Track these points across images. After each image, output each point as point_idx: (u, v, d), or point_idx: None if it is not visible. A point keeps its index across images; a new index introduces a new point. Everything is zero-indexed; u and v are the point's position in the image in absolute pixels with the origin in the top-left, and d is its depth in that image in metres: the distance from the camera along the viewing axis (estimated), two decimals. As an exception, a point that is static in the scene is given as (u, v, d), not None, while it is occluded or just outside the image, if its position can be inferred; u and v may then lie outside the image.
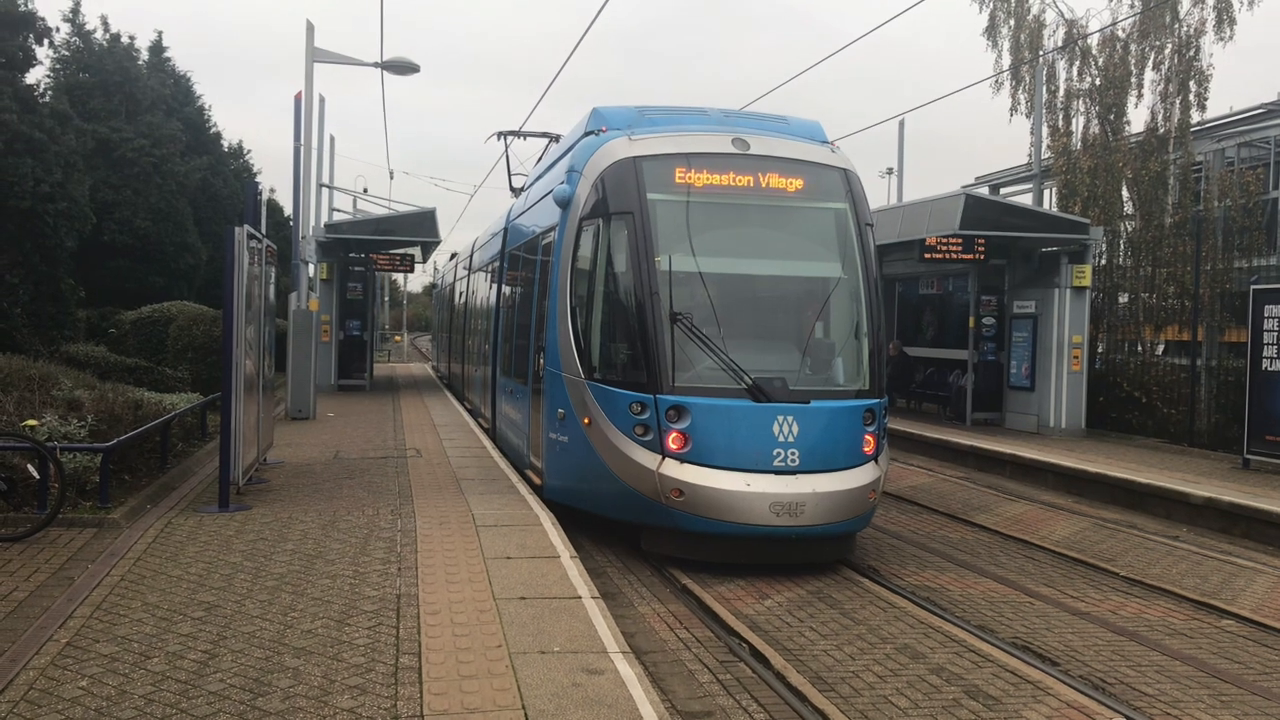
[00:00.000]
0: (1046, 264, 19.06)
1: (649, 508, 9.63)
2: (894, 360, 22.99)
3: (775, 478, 9.26)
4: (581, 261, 10.62)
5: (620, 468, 9.76)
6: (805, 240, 10.80)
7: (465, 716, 5.18)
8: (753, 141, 10.54)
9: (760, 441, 9.35)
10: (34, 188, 21.56)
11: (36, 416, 10.43)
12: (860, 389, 10.08)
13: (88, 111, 30.74)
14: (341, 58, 20.00)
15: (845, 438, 9.70)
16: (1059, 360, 18.62)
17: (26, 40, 23.22)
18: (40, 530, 8.77)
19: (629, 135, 10.62)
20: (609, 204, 10.28)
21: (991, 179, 31.97)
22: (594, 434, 10.05)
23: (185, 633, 6.41)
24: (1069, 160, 22.24)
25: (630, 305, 10.01)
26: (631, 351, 9.92)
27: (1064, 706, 6.30)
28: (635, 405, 9.64)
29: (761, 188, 10.36)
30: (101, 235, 29.00)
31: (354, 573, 7.86)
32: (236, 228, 10.24)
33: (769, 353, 10.09)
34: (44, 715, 5.15)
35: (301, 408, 18.77)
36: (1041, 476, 15.12)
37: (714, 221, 10.33)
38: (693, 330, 9.66)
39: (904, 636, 7.62)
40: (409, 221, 24.88)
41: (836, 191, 10.69)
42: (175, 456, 12.74)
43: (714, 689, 6.52)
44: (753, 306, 10.54)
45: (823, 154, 10.89)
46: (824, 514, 9.26)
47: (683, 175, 10.23)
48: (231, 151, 43.70)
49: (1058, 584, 9.43)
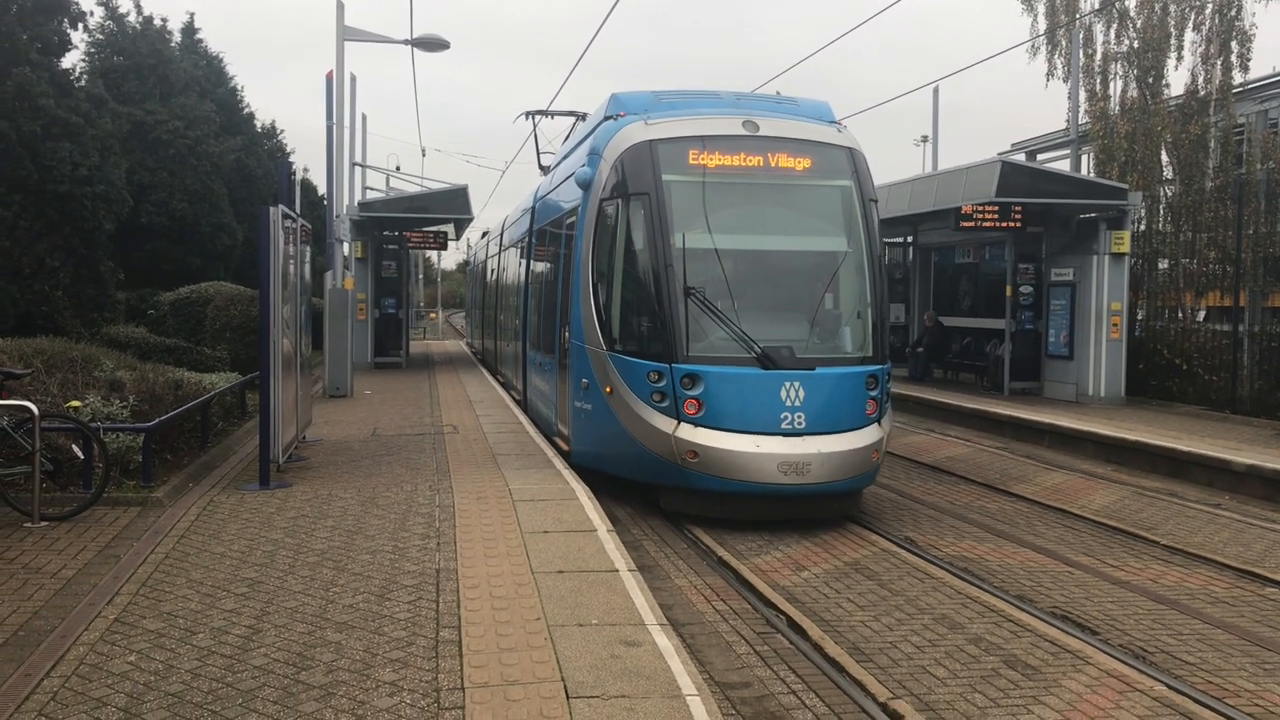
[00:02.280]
0: (1084, 231, 18.83)
1: (666, 469, 10.30)
2: (929, 330, 22.87)
3: (783, 439, 9.91)
4: (602, 240, 11.24)
5: (640, 432, 10.45)
6: (812, 216, 11.40)
7: (505, 689, 5.23)
8: (762, 123, 11.10)
9: (769, 406, 9.99)
10: (72, 171, 21.80)
11: (80, 397, 10.58)
12: (864, 356, 10.67)
13: (122, 95, 31.03)
14: (372, 35, 20.02)
15: (848, 402, 10.31)
16: (1098, 328, 18.41)
17: (61, 25, 23.42)
18: (86, 509, 8.91)
19: (645, 120, 11.19)
20: (627, 185, 10.88)
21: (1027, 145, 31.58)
22: (615, 401, 10.75)
23: (229, 608, 6.51)
24: (1107, 125, 21.90)
25: (647, 281, 10.64)
26: (649, 324, 10.59)
27: (1104, 675, 6.27)
28: (653, 374, 10.33)
29: (771, 167, 10.94)
30: (139, 217, 29.31)
31: (393, 548, 7.94)
32: (271, 207, 10.31)
33: (777, 323, 10.68)
34: (95, 689, 5.25)
35: (339, 386, 18.93)
36: (1081, 445, 14.99)
37: (726, 200, 10.94)
38: (705, 303, 10.33)
39: (942, 607, 7.60)
40: (442, 199, 24.97)
41: (843, 170, 11.21)
42: (215, 435, 12.90)
43: (752, 660, 6.54)
44: (762, 280, 11.03)
45: (829, 134, 11.41)
46: (829, 473, 9.92)
47: (696, 156, 10.84)
48: (265, 132, 43.98)
49: (1097, 553, 9.37)
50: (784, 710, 5.79)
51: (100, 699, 5.14)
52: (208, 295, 24.27)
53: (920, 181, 21.42)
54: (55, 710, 5.01)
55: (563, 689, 5.24)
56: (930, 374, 23.05)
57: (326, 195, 21.17)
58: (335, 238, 20.29)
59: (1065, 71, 22.88)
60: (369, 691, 5.23)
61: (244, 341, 21.94)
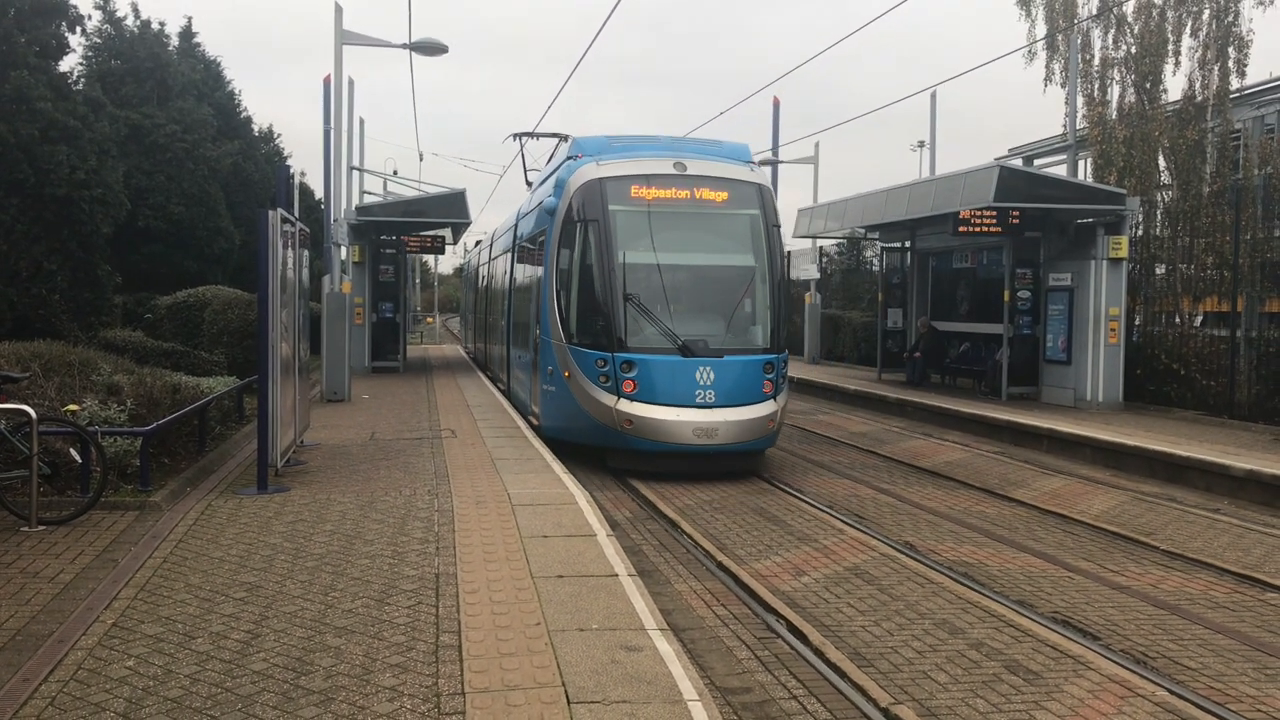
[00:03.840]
0: (1082, 236, 18.83)
1: (611, 434, 13.04)
2: (923, 336, 22.86)
3: (697, 410, 12.68)
4: (563, 256, 13.89)
5: (590, 407, 13.18)
6: (727, 239, 14.05)
7: (506, 694, 5.21)
8: (690, 164, 13.89)
9: (686, 385, 12.74)
10: (69, 175, 21.75)
11: (77, 401, 10.55)
12: (764, 348, 13.45)
13: (120, 98, 30.97)
14: (370, 40, 20.00)
15: (749, 382, 13.03)
16: (1096, 333, 18.41)
17: (59, 28, 23.37)
18: (84, 513, 8.89)
19: (598, 160, 13.96)
20: (582, 213, 13.58)
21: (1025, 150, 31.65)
22: (572, 384, 13.47)
23: (228, 613, 6.48)
24: (1105, 130, 21.95)
25: (597, 288, 13.34)
26: (598, 322, 13.29)
27: (1106, 681, 6.26)
28: (600, 361, 13.09)
29: (696, 199, 13.74)
30: (136, 221, 29.24)
31: (393, 552, 7.92)
32: (270, 211, 10.29)
33: (696, 321, 13.31)
34: (93, 694, 5.23)
35: (337, 390, 18.90)
36: (1079, 450, 14.99)
37: (659, 225, 13.56)
38: (641, 306, 13.07)
39: (942, 612, 7.59)
40: (439, 203, 24.95)
41: (753, 201, 13.96)
42: (213, 439, 12.87)
43: (752, 665, 6.52)
44: (686, 288, 13.65)
45: (744, 172, 14.21)
46: (733, 436, 12.71)
47: (636, 190, 13.59)
48: (262, 136, 43.90)
49: (1097, 558, 9.36)
50: (786, 715, 5.77)
51: (99, 704, 5.11)
52: (205, 299, 24.21)
53: (918, 186, 21.43)
54: (53, 715, 4.98)
55: (564, 694, 5.22)
56: (928, 379, 23.05)
57: (324, 199, 21.16)
58: (333, 242, 20.28)
59: (1063, 76, 22.92)
60: (369, 696, 5.21)
61: (242, 345, 21.89)
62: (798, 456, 14.77)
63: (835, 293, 34.58)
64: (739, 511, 10.99)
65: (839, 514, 10.86)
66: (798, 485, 12.43)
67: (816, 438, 16.82)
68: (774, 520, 10.58)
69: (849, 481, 12.91)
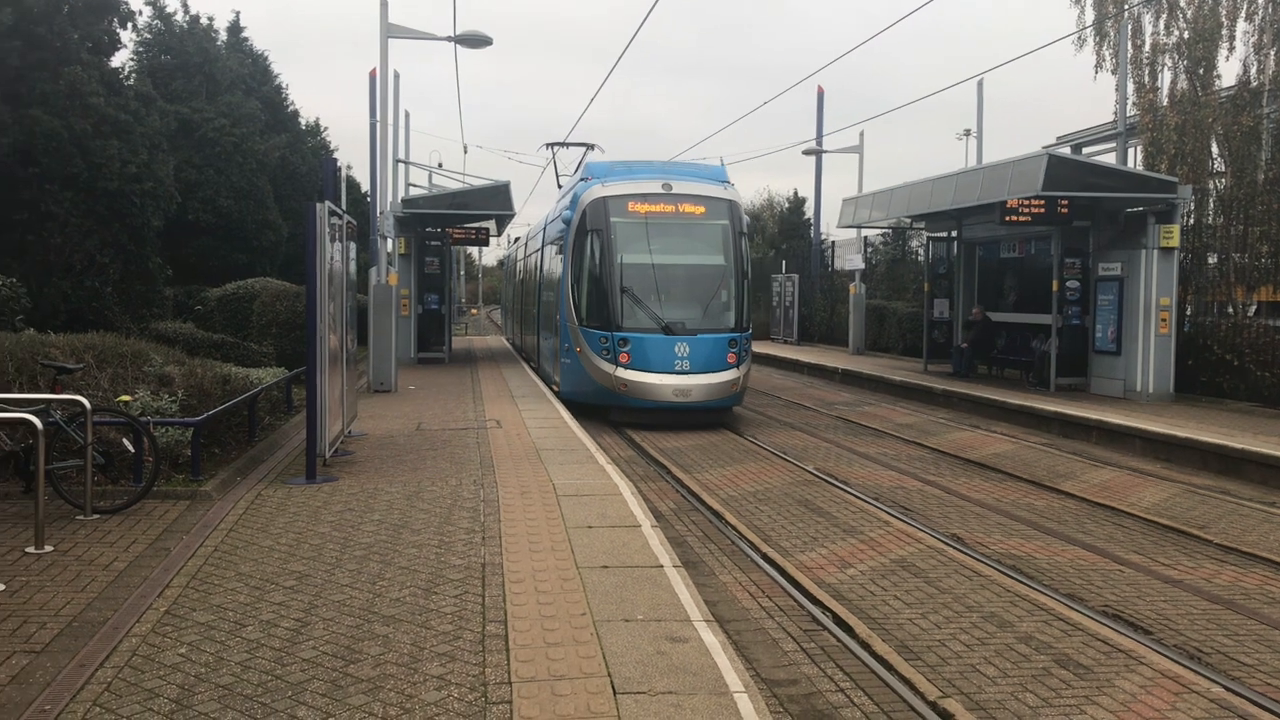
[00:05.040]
0: (1132, 225, 18.55)
1: (610, 395, 16.82)
2: (976, 324, 22.63)
3: (675, 376, 16.37)
4: (577, 257, 17.54)
5: (595, 374, 16.94)
6: (703, 244, 17.64)
7: (552, 683, 5.23)
8: (675, 185, 17.53)
9: (668, 356, 16.40)
10: (121, 169, 22.10)
11: (130, 392, 10.71)
12: (729, 328, 17.02)
13: (170, 93, 31.42)
14: (415, 33, 20.11)
15: (717, 354, 16.66)
16: (1146, 323, 18.13)
17: (111, 24, 23.76)
18: (136, 502, 9.03)
19: (603, 182, 17.64)
20: (591, 224, 17.28)
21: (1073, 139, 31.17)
22: (583, 357, 17.19)
23: (278, 601, 6.56)
24: (1155, 117, 21.58)
25: (601, 282, 17.05)
26: (602, 308, 16.97)
27: (1158, 676, 6.17)
28: (603, 339, 16.80)
29: (679, 212, 17.39)
30: (186, 214, 29.67)
31: (439, 542, 7.98)
32: (318, 204, 10.38)
33: (677, 308, 16.87)
34: (147, 680, 5.31)
35: (383, 380, 19.06)
36: (1129, 442, 14.79)
37: (650, 233, 17.25)
38: (634, 296, 16.76)
39: (990, 605, 7.52)
40: (483, 195, 25.05)
41: (724, 214, 17.58)
42: (262, 430, 13.01)
43: (798, 657, 6.50)
44: (670, 282, 17.10)
45: (718, 190, 17.78)
46: (703, 395, 16.45)
47: (632, 206, 17.23)
48: (309, 129, 44.37)
49: (1148, 551, 9.23)
50: (832, 708, 5.75)
51: (153, 690, 5.19)
52: (254, 291, 24.51)
53: (965, 175, 21.21)
54: (109, 700, 5.07)
55: (609, 684, 5.23)
56: (974, 369, 22.83)
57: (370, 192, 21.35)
58: (379, 234, 20.42)
59: (1113, 63, 22.57)
60: (416, 685, 5.25)
61: (290, 337, 22.14)
62: (843, 448, 14.69)
63: (880, 283, 34.34)
64: (783, 503, 10.96)
65: (885, 506, 10.80)
66: (843, 477, 12.37)
67: (861, 429, 16.72)
68: (819, 512, 10.54)
69: (894, 473, 12.82)
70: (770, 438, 15.52)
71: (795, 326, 36.63)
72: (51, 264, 21.36)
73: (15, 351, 10.87)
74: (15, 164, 20.75)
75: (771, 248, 51.80)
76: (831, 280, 36.97)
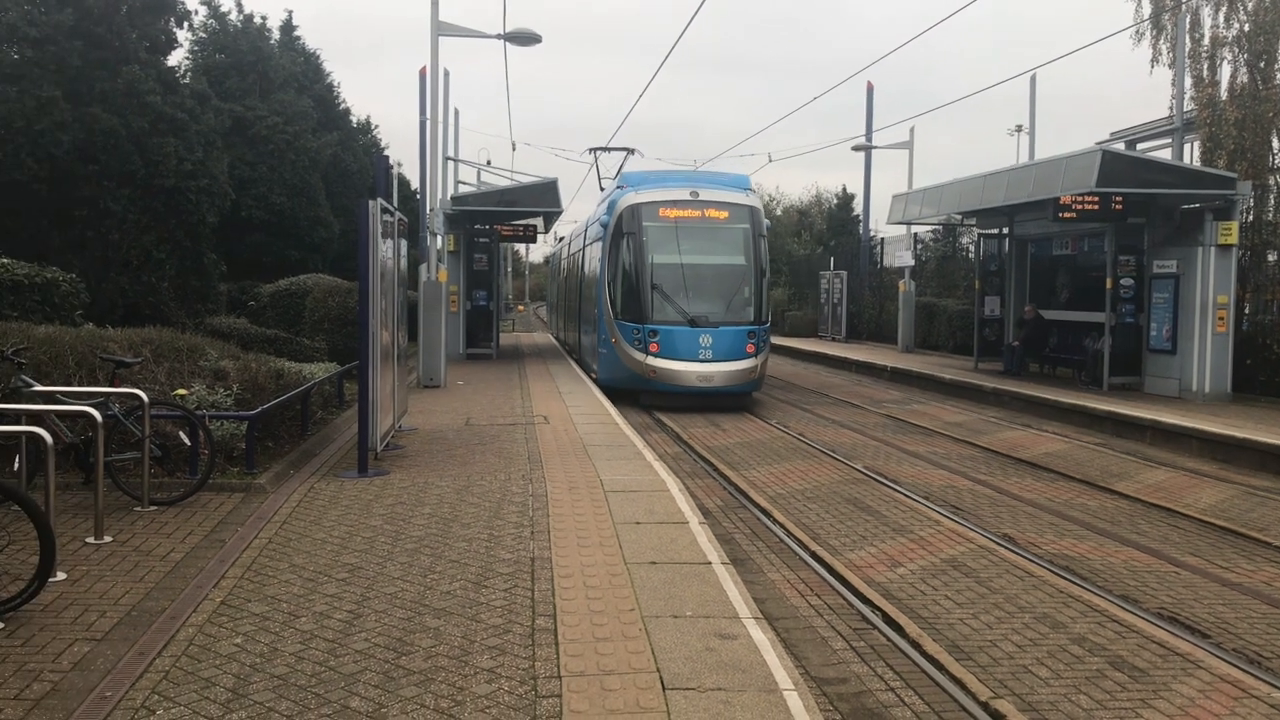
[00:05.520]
0: (1189, 221, 18.24)
1: (642, 380, 18.43)
2: (1028, 323, 22.36)
3: (699, 364, 18.02)
4: (613, 257, 19.31)
5: (628, 362, 18.58)
6: (726, 245, 19.15)
7: (602, 678, 5.25)
8: (701, 192, 19.26)
9: (692, 346, 18.05)
10: (177, 166, 22.44)
11: (186, 386, 10.88)
12: (749, 320, 18.58)
13: (224, 91, 31.84)
14: (465, 31, 20.23)
15: (737, 344, 18.27)
16: (1202, 322, 17.83)
17: (168, 24, 24.14)
18: (192, 494, 9.18)
19: (636, 190, 19.57)
20: (625, 227, 19.08)
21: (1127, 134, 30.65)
22: (617, 346, 18.87)
23: (330, 593, 6.64)
24: (1214, 112, 21.16)
25: (634, 280, 18.76)
26: (634, 303, 18.65)
27: (1217, 680, 6.07)
28: (635, 330, 18.47)
29: (704, 216, 19.08)
30: (240, 211, 30.06)
31: (489, 536, 8.03)
32: (370, 201, 10.48)
33: (701, 303, 18.46)
34: (204, 669, 5.40)
35: (432, 376, 19.21)
36: (1184, 442, 14.55)
37: (679, 236, 18.88)
38: (663, 292, 18.46)
39: (1043, 606, 7.43)
40: (531, 192, 25.17)
41: (745, 219, 19.22)
42: (315, 424, 13.17)
43: (848, 656, 6.47)
44: (695, 280, 18.64)
45: (740, 197, 19.54)
46: (724, 381, 18.12)
47: (663, 212, 18.95)
48: (359, 127, 44.76)
49: (1205, 553, 9.08)
50: (882, 707, 5.72)
51: (209, 679, 5.28)
52: (306, 287, 24.80)
53: (1017, 171, 20.97)
54: (167, 688, 5.16)
55: (658, 680, 5.24)
56: (1026, 368, 22.57)
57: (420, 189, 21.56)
58: (429, 231, 20.58)
59: (1170, 57, 22.16)
60: (467, 678, 5.29)
61: (342, 332, 22.39)
62: (892, 446, 14.59)
63: (929, 280, 34.04)
64: (832, 501, 10.91)
65: (935, 505, 10.71)
66: (892, 475, 12.29)
67: (911, 427, 16.59)
68: (868, 510, 10.48)
69: (945, 472, 12.71)
70: (818, 435, 15.45)
71: (844, 324, 36.42)
72: (110, 260, 21.75)
73: (75, 346, 11.07)
74: (76, 161, 21.15)
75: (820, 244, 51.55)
76: (880, 277, 36.72)
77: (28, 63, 20.99)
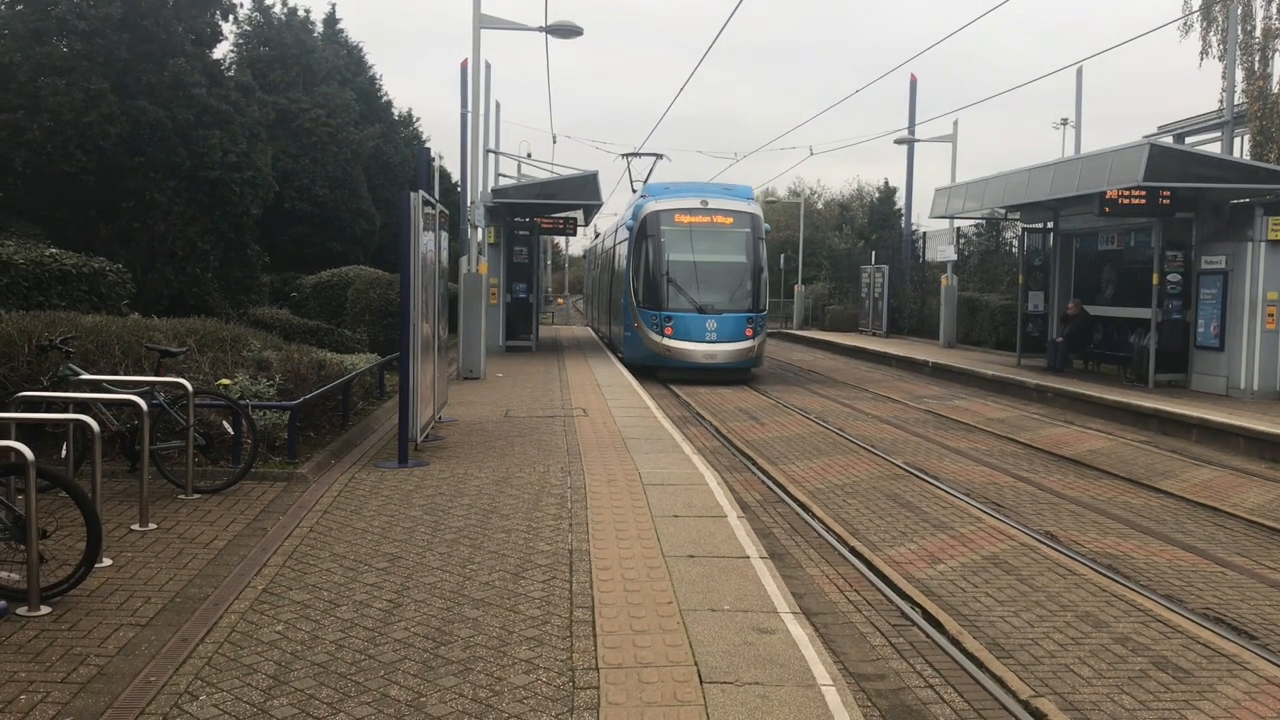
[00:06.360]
0: (1238, 216, 17.94)
1: (658, 358, 21.97)
2: (1073, 319, 22.10)
3: (706, 344, 21.51)
4: (636, 255, 22.91)
5: (648, 342, 22.06)
6: (730, 246, 22.67)
7: (639, 670, 5.26)
8: (710, 201, 22.84)
9: (701, 329, 21.54)
10: (222, 158, 22.69)
11: (230, 376, 11.00)
12: (748, 308, 22.07)
13: (268, 84, 32.12)
14: (507, 23, 20.27)
15: (738, 328, 21.74)
16: (1251, 319, 17.55)
17: (213, 17, 24.40)
18: (235, 483, 9.28)
19: (656, 199, 23.12)
20: (647, 231, 22.65)
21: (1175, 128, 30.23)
22: (639, 330, 22.39)
23: (370, 582, 6.69)
24: (1265, 104, 20.85)
25: (654, 274, 22.29)
26: (654, 293, 22.14)
27: (1263, 682, 5.97)
28: (654, 316, 21.94)
29: (713, 222, 22.68)
30: (283, 203, 30.33)
31: (527, 527, 8.06)
32: (411, 193, 10.53)
33: (709, 293, 21.93)
34: (245, 656, 5.46)
35: (472, 368, 19.30)
36: (1232, 441, 14.32)
37: (691, 238, 22.47)
38: (677, 285, 21.95)
39: (1085, 604, 7.35)
40: (572, 185, 25.20)
41: (746, 224, 22.83)
42: (355, 415, 13.28)
43: (887, 652, 6.43)
44: (704, 275, 22.11)
45: (743, 205, 23.09)
46: (726, 359, 21.65)
47: (678, 218, 22.53)
48: (401, 119, 44.97)
49: (1252, 554, 8.93)
50: (921, 704, 5.68)
51: (251, 665, 5.34)
52: (348, 279, 24.99)
53: (1062, 165, 20.72)
54: (210, 674, 5.22)
55: (696, 673, 5.23)
56: (1069, 364, 22.33)
57: (461, 182, 21.70)
58: (469, 223, 20.66)
59: (1221, 49, 21.85)
60: (505, 668, 5.31)
61: (383, 324, 22.55)
62: (933, 442, 14.49)
63: (972, 275, 33.74)
64: (872, 496, 10.84)
65: (976, 501, 10.62)
66: (933, 472, 12.19)
67: (952, 423, 16.46)
68: (908, 506, 10.41)
69: (986, 468, 12.60)
70: (858, 430, 15.37)
71: (884, 319, 36.17)
72: (155, 250, 22.05)
73: (122, 335, 11.22)
74: (123, 153, 21.44)
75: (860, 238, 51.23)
76: (922, 272, 36.43)
77: (76, 55, 21.31)
